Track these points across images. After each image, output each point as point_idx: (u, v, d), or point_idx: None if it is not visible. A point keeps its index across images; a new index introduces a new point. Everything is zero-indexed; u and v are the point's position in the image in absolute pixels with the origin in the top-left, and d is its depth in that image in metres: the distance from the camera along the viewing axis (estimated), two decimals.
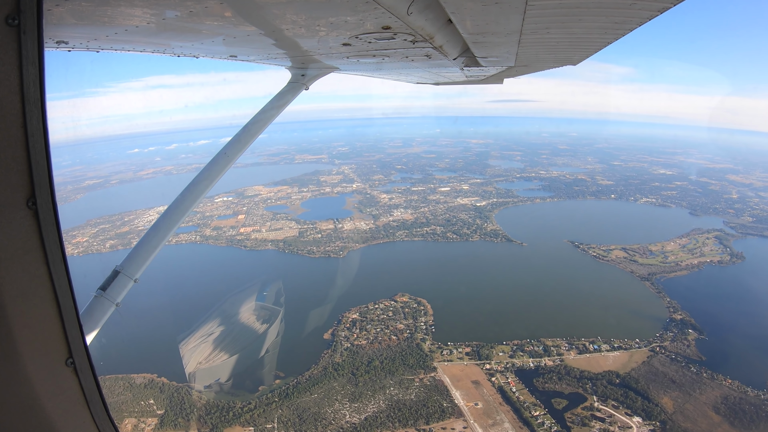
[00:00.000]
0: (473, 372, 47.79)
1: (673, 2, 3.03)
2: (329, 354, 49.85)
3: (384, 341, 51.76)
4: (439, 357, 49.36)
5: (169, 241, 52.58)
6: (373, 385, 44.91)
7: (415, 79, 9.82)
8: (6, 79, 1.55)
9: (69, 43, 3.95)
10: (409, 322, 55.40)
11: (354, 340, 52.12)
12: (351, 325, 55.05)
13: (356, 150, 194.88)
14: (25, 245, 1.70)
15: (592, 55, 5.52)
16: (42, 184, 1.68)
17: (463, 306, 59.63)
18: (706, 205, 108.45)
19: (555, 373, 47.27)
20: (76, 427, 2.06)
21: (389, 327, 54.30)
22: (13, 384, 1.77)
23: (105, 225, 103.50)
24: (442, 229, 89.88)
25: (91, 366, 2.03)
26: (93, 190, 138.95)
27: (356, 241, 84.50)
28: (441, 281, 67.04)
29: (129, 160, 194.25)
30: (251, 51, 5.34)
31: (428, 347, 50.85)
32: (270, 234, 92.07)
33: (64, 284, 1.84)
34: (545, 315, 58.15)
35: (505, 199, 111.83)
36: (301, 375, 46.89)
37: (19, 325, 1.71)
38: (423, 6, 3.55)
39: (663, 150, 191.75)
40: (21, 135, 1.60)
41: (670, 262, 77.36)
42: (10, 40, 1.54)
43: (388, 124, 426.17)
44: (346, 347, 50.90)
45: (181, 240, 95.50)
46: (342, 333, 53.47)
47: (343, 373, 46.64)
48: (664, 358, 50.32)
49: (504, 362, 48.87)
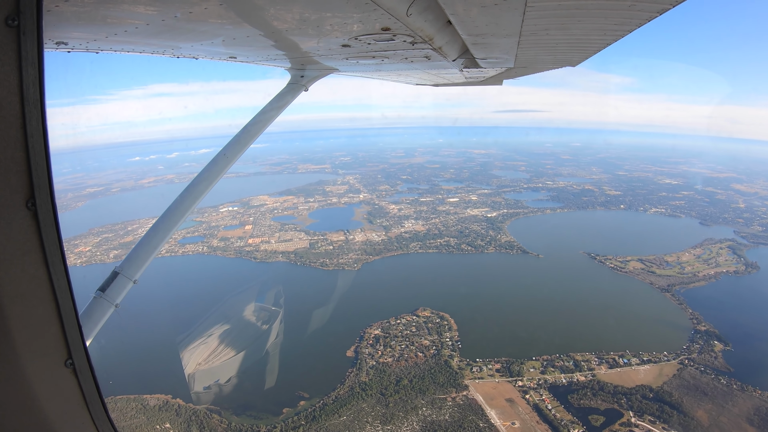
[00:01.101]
0: (506, 389, 46.06)
1: (671, 3, 3.02)
2: (354, 372, 47.74)
3: (411, 358, 49.80)
4: (469, 374, 47.54)
5: (176, 252, 51.37)
6: (404, 405, 42.82)
7: (415, 80, 9.72)
8: (5, 80, 1.54)
9: (68, 44, 3.89)
10: (434, 338, 53.54)
11: (379, 357, 50.08)
12: (374, 341, 53.04)
13: (359, 160, 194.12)
14: (25, 246, 1.69)
15: (591, 56, 5.48)
16: (41, 186, 1.68)
17: (486, 320, 57.97)
18: (715, 214, 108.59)
19: (589, 388, 46.11)
20: (75, 428, 2.04)
21: (414, 343, 52.37)
22: (12, 385, 1.76)
23: (108, 234, 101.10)
24: (456, 240, 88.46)
25: (90, 367, 2.01)
26: (94, 197, 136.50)
27: (369, 253, 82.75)
28: (461, 295, 65.41)
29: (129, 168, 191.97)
30: (250, 52, 5.32)
31: (457, 364, 49.00)
32: (280, 245, 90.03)
33: (64, 285, 1.83)
34: (571, 328, 57.08)
35: (515, 210, 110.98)
36: (326, 396, 44.67)
37: (18, 327, 1.70)
38: (422, 7, 3.54)
39: (665, 159, 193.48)
40: (20, 136, 1.60)
41: (687, 273, 76.93)
42: (10, 40, 1.53)
43: (388, 134, 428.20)
44: (371, 365, 48.83)
45: (188, 251, 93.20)
46: (365, 350, 51.42)
47: (372, 393, 44.52)
48: (693, 371, 49.60)
49: (536, 379, 47.44)
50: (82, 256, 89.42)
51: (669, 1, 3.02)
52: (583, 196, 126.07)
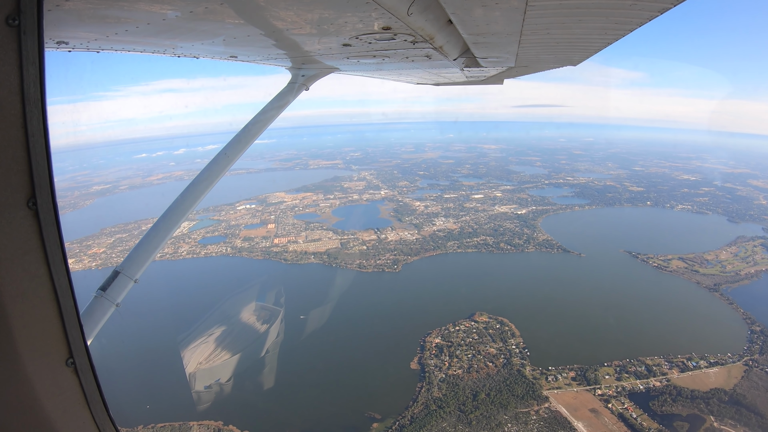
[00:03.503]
0: (587, 399, 44.07)
1: (673, 3, 3.01)
2: (425, 387, 44.97)
3: (482, 369, 47.35)
4: (546, 384, 45.37)
5: (198, 254, 48.06)
6: (488, 422, 40.33)
7: (416, 79, 9.73)
8: (6, 80, 1.55)
9: (69, 44, 3.91)
10: (500, 346, 51.18)
11: (447, 369, 47.44)
12: (437, 351, 50.39)
13: (369, 155, 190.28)
14: (26, 245, 1.71)
15: (592, 56, 5.46)
16: (42, 185, 1.69)
17: (547, 324, 55.90)
18: (740, 211, 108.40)
19: (667, 394, 44.88)
20: (76, 427, 2.05)
21: (481, 352, 49.92)
22: (13, 384, 1.78)
23: (121, 234, 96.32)
24: (493, 239, 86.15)
25: (91, 366, 2.03)
26: (102, 195, 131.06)
27: (407, 253, 79.92)
28: (514, 297, 63.23)
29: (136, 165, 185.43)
30: (251, 51, 5.31)
31: (530, 373, 46.78)
32: (309, 246, 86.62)
33: (65, 284, 1.84)
34: (633, 330, 55.95)
35: (544, 206, 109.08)
36: (400, 416, 41.73)
37: (19, 326, 1.71)
38: (423, 6, 3.53)
39: (675, 155, 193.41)
40: (21, 135, 1.61)
41: (729, 272, 76.26)
42: (11, 40, 1.54)
43: (394, 129, 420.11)
44: (440, 378, 46.19)
45: (211, 252, 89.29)
46: (430, 361, 48.73)
47: (450, 411, 41.85)
48: (759, 372, 48.74)
49: (613, 386, 45.74)
50: (97, 258, 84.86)
51: (670, 0, 3.00)
52: (607, 192, 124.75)
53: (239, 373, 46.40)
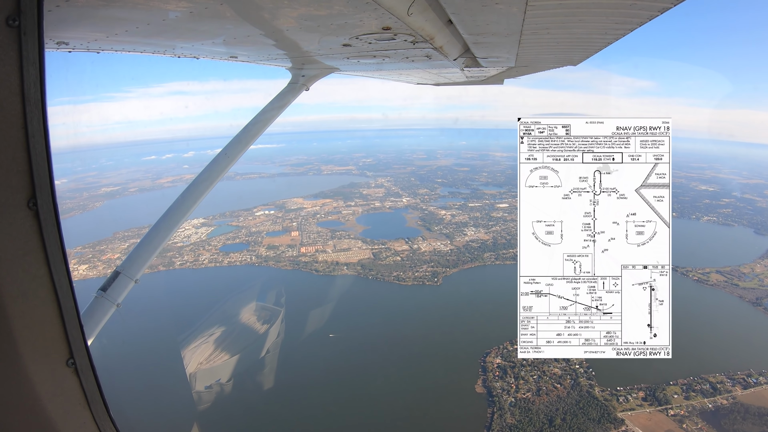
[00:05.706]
0: (661, 420, 42.63)
1: (673, 2, 2.98)
2: (497, 413, 42.76)
3: (551, 391, 45.37)
4: (618, 406, 43.71)
5: (221, 262, 45.85)
6: None
7: (416, 79, 9.69)
8: (6, 80, 1.56)
9: (69, 44, 3.88)
10: (562, 365, 49.22)
11: (514, 392, 45.33)
12: (501, 372, 48.29)
13: (382, 162, 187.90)
14: (26, 246, 1.72)
15: (592, 55, 5.45)
16: (43, 185, 1.70)
17: None
18: (765, 223, 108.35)
19: (736, 412, 43.73)
20: (77, 427, 2.05)
21: (546, 373, 47.88)
22: (13, 384, 1.78)
23: (135, 239, 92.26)
24: None
25: (92, 366, 2.03)
26: (111, 197, 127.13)
27: (444, 265, 77.91)
28: None
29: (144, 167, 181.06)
30: (251, 51, 5.33)
31: (600, 395, 45.02)
32: (339, 255, 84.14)
33: (65, 285, 1.84)
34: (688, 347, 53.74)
35: None
36: None
37: (19, 326, 1.72)
38: (423, 6, 3.52)
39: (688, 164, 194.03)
40: (21, 136, 1.62)
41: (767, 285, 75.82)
42: (11, 41, 1.55)
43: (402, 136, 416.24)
44: (510, 402, 44.10)
45: (234, 261, 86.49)
46: (496, 383, 46.61)
47: None
48: None
49: (683, 405, 44.45)
50: (111, 265, 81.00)
51: (670, 0, 2.98)
52: None
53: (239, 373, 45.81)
